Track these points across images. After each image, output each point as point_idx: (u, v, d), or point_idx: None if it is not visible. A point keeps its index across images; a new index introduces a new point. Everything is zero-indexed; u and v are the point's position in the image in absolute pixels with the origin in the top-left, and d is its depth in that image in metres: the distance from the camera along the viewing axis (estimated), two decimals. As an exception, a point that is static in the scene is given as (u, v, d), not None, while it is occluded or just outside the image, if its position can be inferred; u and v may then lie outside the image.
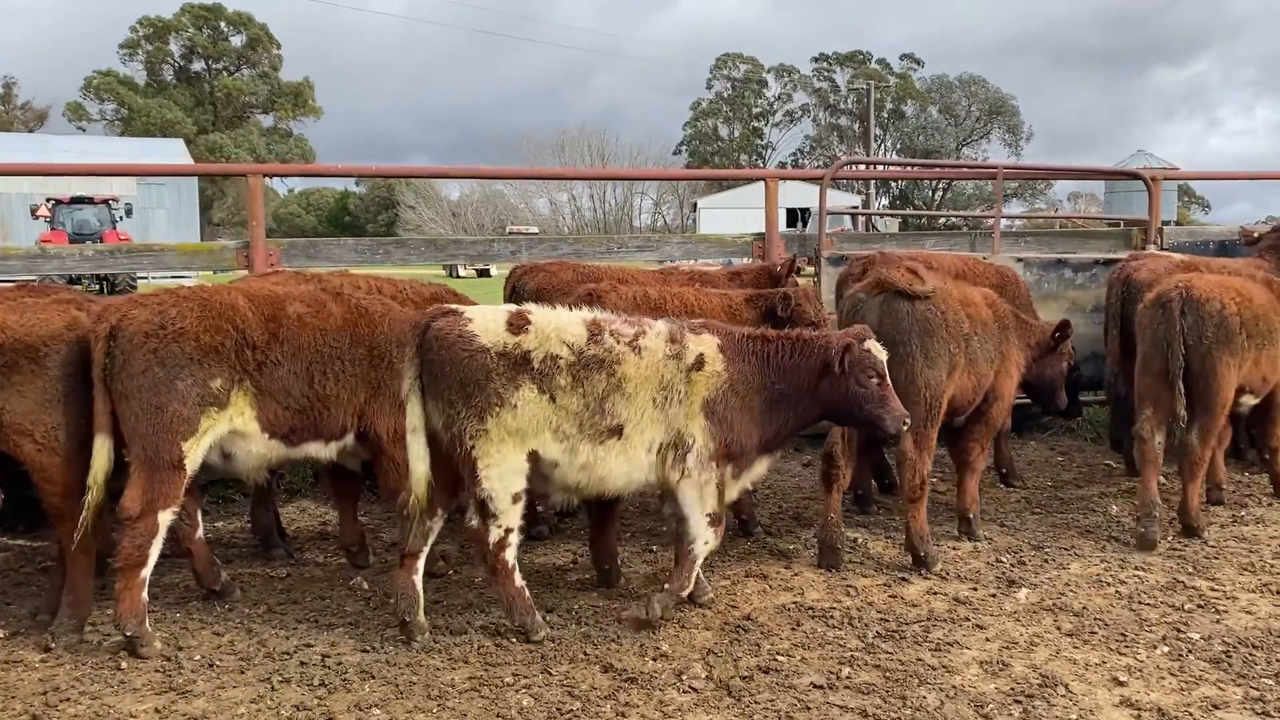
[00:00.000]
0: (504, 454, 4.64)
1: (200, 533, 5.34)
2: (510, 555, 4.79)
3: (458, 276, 43.10)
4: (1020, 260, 8.64)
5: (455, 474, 4.82)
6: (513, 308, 4.84)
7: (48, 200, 37.95)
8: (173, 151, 57.76)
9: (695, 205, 79.04)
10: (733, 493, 5.13)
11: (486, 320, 4.71)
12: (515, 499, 4.73)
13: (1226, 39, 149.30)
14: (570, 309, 5.00)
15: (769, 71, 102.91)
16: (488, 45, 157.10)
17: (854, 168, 40.50)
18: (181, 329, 4.78)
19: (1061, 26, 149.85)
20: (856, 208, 60.04)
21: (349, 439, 5.39)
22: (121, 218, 39.32)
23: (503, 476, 4.67)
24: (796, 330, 5.30)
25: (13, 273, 6.47)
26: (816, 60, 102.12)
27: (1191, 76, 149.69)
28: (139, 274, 27.39)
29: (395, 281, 6.57)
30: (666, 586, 5.04)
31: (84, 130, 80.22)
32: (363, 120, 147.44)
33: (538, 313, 4.81)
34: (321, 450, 5.34)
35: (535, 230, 76.67)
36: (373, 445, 5.45)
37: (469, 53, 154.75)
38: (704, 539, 4.97)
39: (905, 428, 5.10)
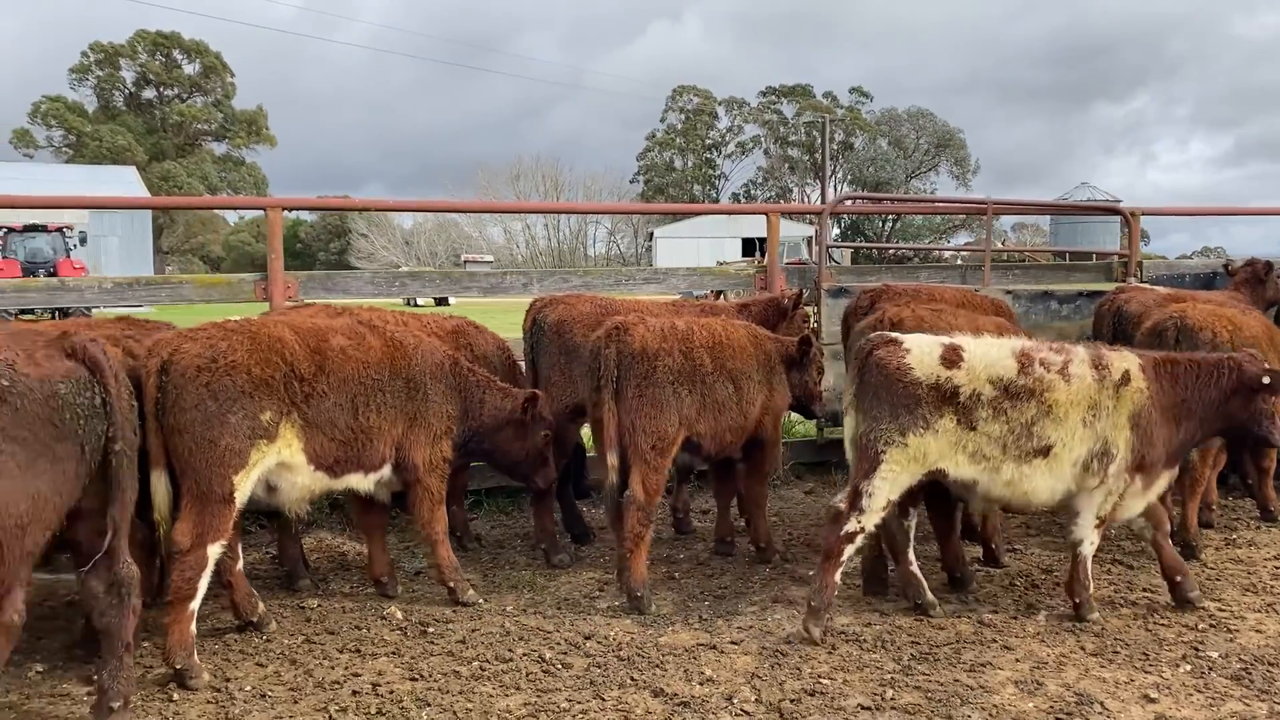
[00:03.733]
0: (905, 468, 5.13)
1: (240, 565, 5.35)
2: (849, 550, 5.23)
3: (417, 305, 42.91)
4: (1009, 292, 8.91)
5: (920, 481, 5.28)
6: (946, 340, 5.27)
7: (0, 228, 37.35)
8: (125, 179, 57.09)
9: (651, 235, 79.45)
10: (1139, 505, 5.48)
11: (922, 352, 5.13)
12: (886, 506, 5.19)
13: (1163, 78, 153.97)
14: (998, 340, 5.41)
15: (720, 104, 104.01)
16: (448, 76, 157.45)
17: (853, 202, 40.98)
18: (233, 362, 4.84)
19: (1007, 64, 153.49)
20: (810, 238, 60.93)
21: (386, 470, 5.50)
22: (75, 246, 38.85)
23: (891, 485, 5.15)
24: (1197, 353, 5.76)
25: (34, 304, 6.47)
26: (764, 94, 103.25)
27: (1130, 113, 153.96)
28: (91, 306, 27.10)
29: (419, 315, 6.65)
30: (1074, 587, 5.51)
31: (30, 157, 78.87)
32: (318, 148, 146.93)
33: (971, 348, 5.23)
34: (362, 481, 5.43)
35: (490, 259, 76.55)
36: (408, 475, 5.55)
37: (428, 83, 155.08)
38: (1089, 539, 5.44)
39: None
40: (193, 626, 4.81)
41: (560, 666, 4.96)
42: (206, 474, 4.78)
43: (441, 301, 43.02)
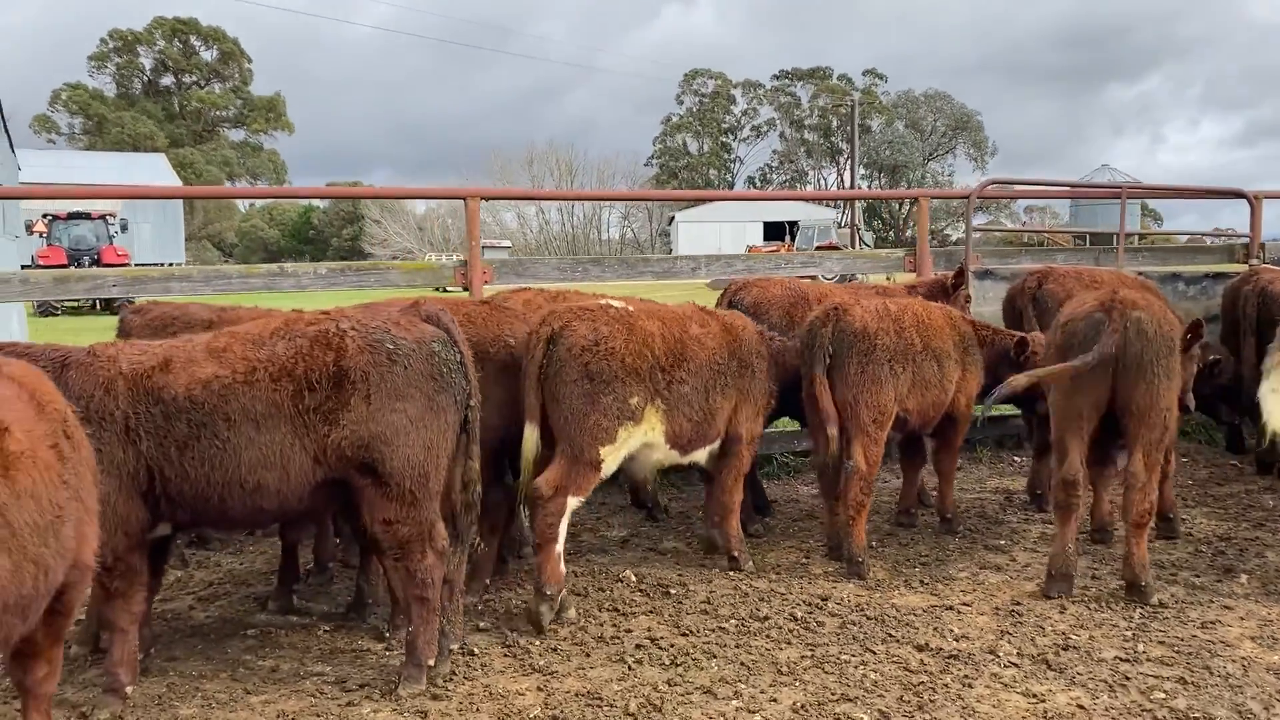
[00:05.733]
0: None
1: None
2: None
3: (446, 291, 43.27)
4: (1140, 274, 9.21)
5: None
6: None
7: (44, 216, 37.69)
8: (156, 166, 57.49)
9: (672, 219, 79.38)
10: None
11: None
12: None
13: (1175, 59, 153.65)
14: None
15: (736, 87, 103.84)
16: (462, 61, 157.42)
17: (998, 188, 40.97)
18: (611, 349, 5.27)
19: (1019, 45, 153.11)
20: (837, 221, 61.22)
21: (718, 443, 5.94)
22: (117, 233, 39.19)
23: None
24: None
25: (256, 289, 6.79)
26: (778, 77, 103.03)
27: (1141, 94, 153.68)
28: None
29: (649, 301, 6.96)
30: None
31: (53, 143, 79.27)
32: (331, 133, 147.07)
33: None
34: (700, 455, 5.89)
35: (508, 244, 76.70)
36: (730, 446, 5.99)
37: (443, 68, 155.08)
38: None
39: None
40: (561, 565, 5.28)
41: (815, 624, 5.30)
42: (579, 441, 5.24)
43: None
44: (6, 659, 3.52)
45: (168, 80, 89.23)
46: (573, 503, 5.25)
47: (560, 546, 5.25)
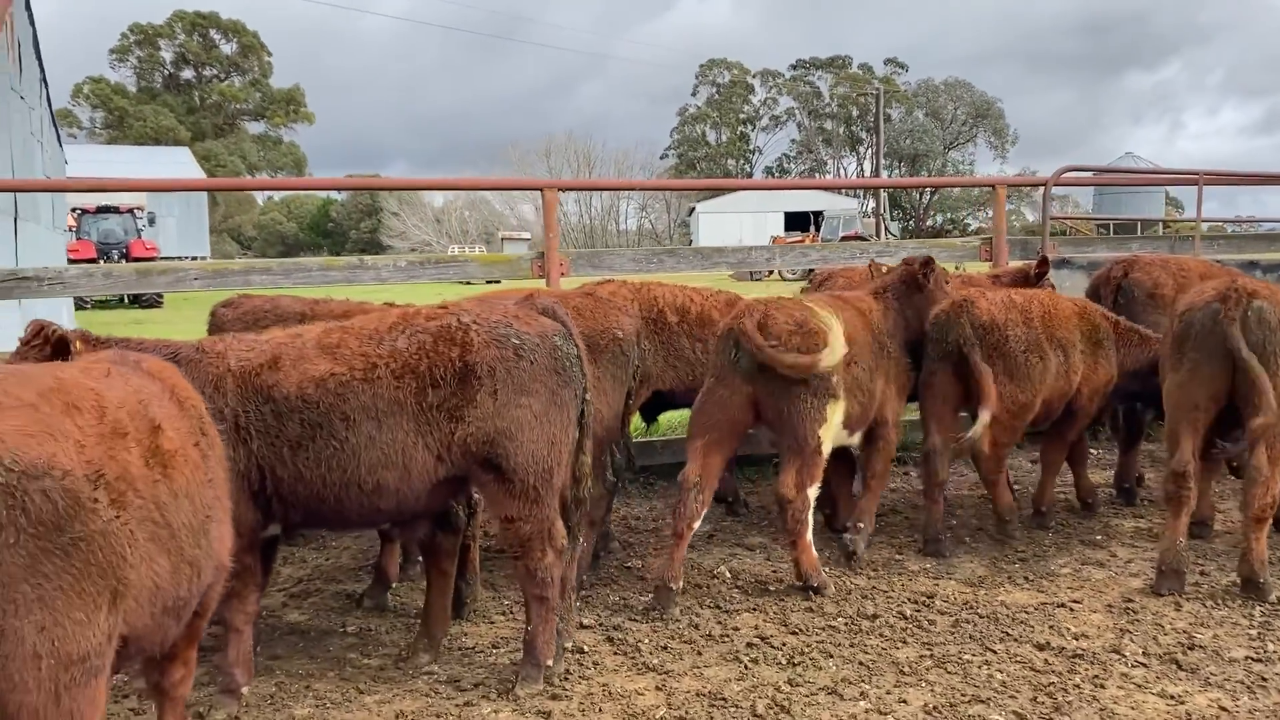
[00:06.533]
0: None
1: (696, 525, 5.52)
2: None
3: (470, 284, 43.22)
4: (1217, 262, 9.03)
5: None
6: None
7: (74, 210, 37.75)
8: (180, 159, 57.55)
9: (692, 209, 78.91)
10: None
11: None
12: None
13: (1196, 45, 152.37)
14: None
15: (754, 76, 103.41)
16: (477, 51, 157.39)
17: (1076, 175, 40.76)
18: (813, 329, 5.39)
19: (1039, 33, 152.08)
20: (861, 210, 60.96)
21: (868, 425, 6.00)
22: (145, 226, 39.29)
23: None
24: None
25: (335, 281, 6.71)
26: (795, 67, 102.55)
27: (1161, 81, 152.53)
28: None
29: (702, 290, 6.84)
30: None
31: (74, 138, 79.63)
32: (348, 126, 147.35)
33: None
34: (858, 437, 5.98)
35: (528, 236, 76.59)
36: (877, 429, 6.04)
37: (458, 58, 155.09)
38: None
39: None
40: (813, 552, 5.58)
41: (927, 622, 5.17)
42: (801, 431, 5.39)
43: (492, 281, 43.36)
44: (145, 661, 3.43)
45: (188, 74, 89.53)
46: (811, 493, 5.47)
47: (810, 535, 5.53)
